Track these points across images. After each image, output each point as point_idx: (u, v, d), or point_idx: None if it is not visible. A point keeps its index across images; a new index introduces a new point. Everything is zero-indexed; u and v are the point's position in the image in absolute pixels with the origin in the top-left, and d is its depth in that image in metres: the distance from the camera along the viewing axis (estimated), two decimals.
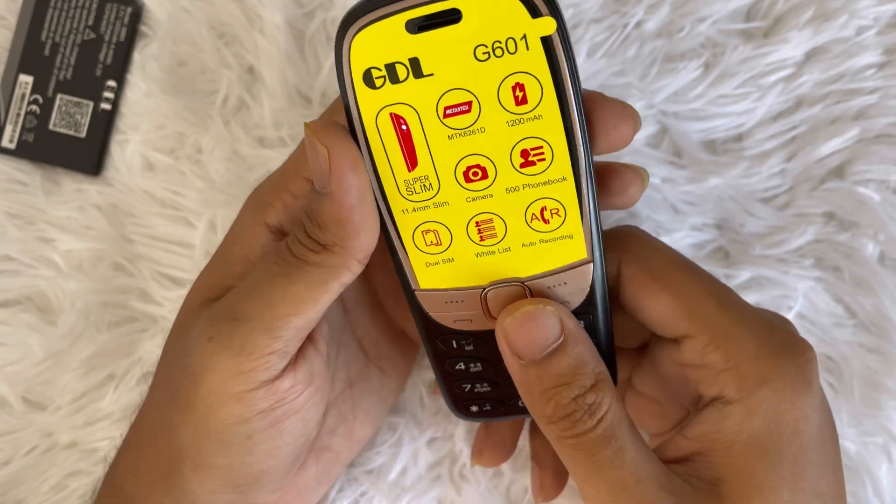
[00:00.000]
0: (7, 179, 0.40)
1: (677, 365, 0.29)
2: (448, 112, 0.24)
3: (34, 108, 0.40)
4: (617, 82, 0.38)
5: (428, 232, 0.27)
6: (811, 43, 0.38)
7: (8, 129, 0.40)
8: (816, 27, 0.38)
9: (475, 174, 0.25)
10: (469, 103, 0.24)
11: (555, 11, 0.23)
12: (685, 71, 0.38)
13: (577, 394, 0.26)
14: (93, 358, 0.39)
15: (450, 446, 0.38)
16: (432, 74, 0.24)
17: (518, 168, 0.25)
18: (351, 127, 0.25)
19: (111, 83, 0.40)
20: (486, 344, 0.29)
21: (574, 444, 0.26)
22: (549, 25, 0.23)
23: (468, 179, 0.25)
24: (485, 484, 0.38)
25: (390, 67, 0.24)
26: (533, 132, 0.25)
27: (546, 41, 0.23)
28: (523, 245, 0.27)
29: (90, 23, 0.40)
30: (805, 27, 0.38)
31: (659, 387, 0.32)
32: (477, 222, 0.26)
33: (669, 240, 0.38)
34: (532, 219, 0.26)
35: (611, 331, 0.29)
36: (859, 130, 0.38)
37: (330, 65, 0.39)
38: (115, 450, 0.31)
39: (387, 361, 0.35)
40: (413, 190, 0.26)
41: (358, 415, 0.34)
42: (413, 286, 0.28)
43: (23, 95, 0.40)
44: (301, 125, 0.39)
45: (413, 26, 0.23)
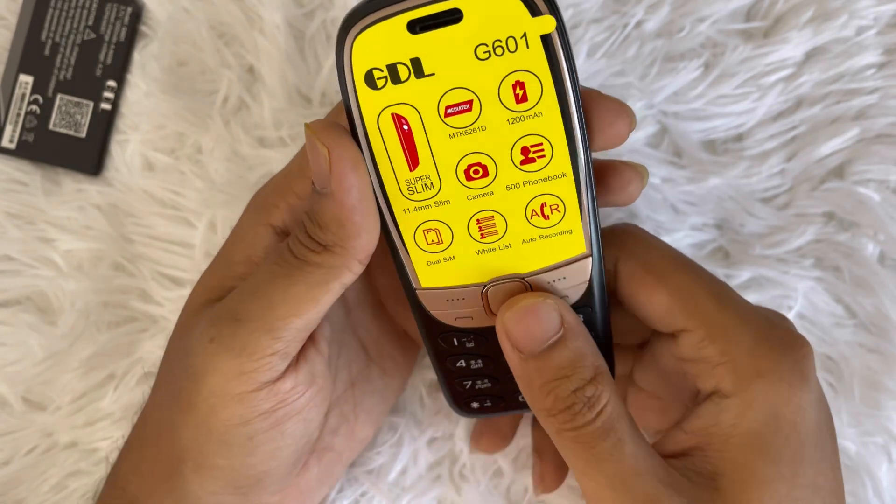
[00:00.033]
0: (7, 179, 0.40)
1: (676, 360, 0.30)
2: (449, 111, 0.24)
3: (34, 108, 0.40)
4: (617, 82, 0.38)
5: (429, 231, 0.26)
6: (811, 43, 0.38)
7: (8, 129, 0.40)
8: (816, 27, 0.38)
9: (476, 172, 0.25)
10: (470, 102, 0.24)
11: (554, 10, 0.23)
12: (685, 71, 0.38)
13: (576, 387, 0.26)
14: (93, 358, 0.39)
15: (450, 446, 0.38)
16: (433, 74, 0.24)
17: (518, 165, 0.25)
18: (352, 127, 0.25)
19: (111, 83, 0.40)
20: (486, 340, 0.29)
21: (573, 437, 0.26)
22: (548, 24, 0.23)
23: (469, 177, 0.25)
24: (485, 484, 0.38)
25: (392, 68, 0.24)
26: (533, 129, 0.25)
27: (546, 39, 0.23)
28: (523, 241, 0.27)
29: (90, 23, 0.40)
30: (805, 27, 0.38)
31: (659, 382, 0.32)
32: (478, 220, 0.26)
33: (669, 240, 0.38)
34: (532, 215, 0.26)
35: (609, 324, 0.29)
36: (859, 130, 0.38)
37: (330, 65, 0.39)
38: (117, 450, 0.31)
39: (388, 361, 0.35)
40: (414, 189, 0.26)
41: (359, 415, 0.34)
42: (414, 285, 0.28)
43: (23, 95, 0.40)
44: (301, 125, 0.39)
45: (415, 26, 0.23)
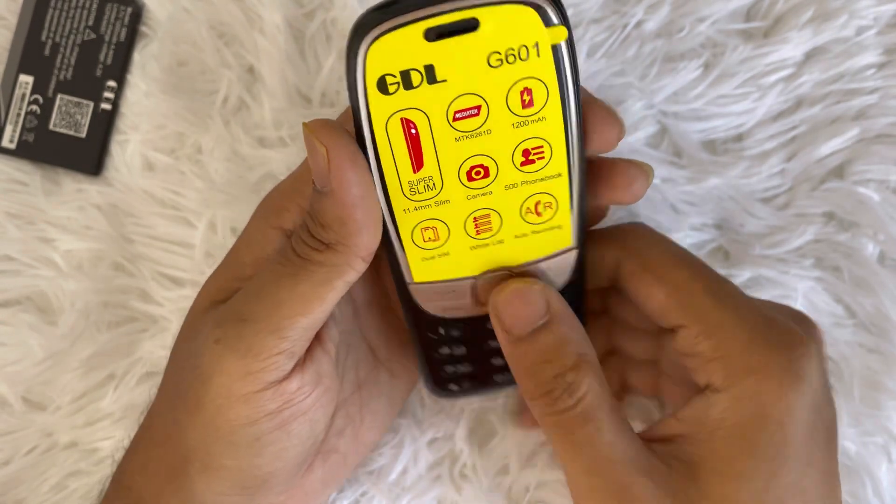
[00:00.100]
0: (7, 179, 0.40)
1: (675, 353, 0.30)
2: (457, 116, 0.24)
3: (34, 108, 0.40)
4: (617, 82, 0.38)
5: (427, 229, 0.27)
6: (811, 43, 0.38)
7: (8, 129, 0.40)
8: (816, 27, 0.38)
9: (478, 173, 0.26)
10: (478, 107, 0.24)
11: (565, 21, 0.24)
12: (685, 71, 0.38)
13: (557, 372, 0.27)
14: (93, 358, 0.39)
15: (450, 446, 0.38)
16: (445, 80, 0.24)
17: (518, 166, 0.26)
18: (359, 130, 0.25)
19: (111, 83, 0.40)
20: (471, 329, 0.30)
21: (553, 422, 0.27)
22: (560, 34, 0.24)
23: (470, 178, 0.26)
24: (486, 483, 0.38)
25: (405, 74, 0.24)
26: (536, 133, 0.25)
27: (556, 48, 0.24)
28: (516, 237, 0.27)
29: (90, 23, 0.40)
30: (805, 27, 0.38)
31: (674, 371, 0.33)
32: (475, 218, 0.27)
33: None
34: (526, 212, 0.27)
35: (583, 312, 0.31)
36: (859, 130, 0.38)
37: (330, 65, 0.39)
38: (123, 449, 0.31)
39: (397, 364, 0.35)
40: (416, 190, 0.26)
41: (365, 417, 0.34)
42: (407, 280, 0.28)
43: (23, 95, 0.40)
44: (301, 125, 0.39)
45: (431, 34, 0.23)
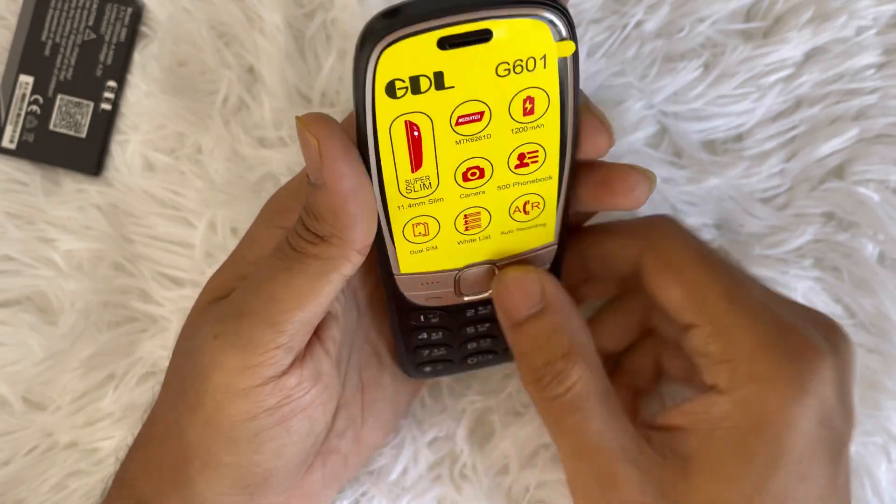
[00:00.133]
0: (7, 179, 0.40)
1: (687, 350, 0.30)
2: (461, 120, 0.25)
3: (34, 108, 0.40)
4: (617, 82, 0.38)
5: (418, 224, 0.27)
6: (811, 43, 0.38)
7: (8, 129, 0.40)
8: (816, 27, 0.38)
9: (473, 174, 0.26)
10: (482, 113, 0.25)
11: (573, 35, 0.24)
12: (685, 71, 0.38)
13: (547, 359, 0.28)
14: (93, 358, 0.39)
15: (450, 446, 0.38)
16: (453, 87, 0.24)
17: (513, 169, 0.27)
18: (361, 128, 0.25)
19: (111, 83, 0.40)
20: (449, 316, 0.32)
21: (544, 408, 0.28)
22: (568, 48, 0.24)
23: (466, 179, 0.26)
24: (486, 483, 0.38)
25: (414, 79, 0.24)
26: (533, 139, 0.26)
27: (562, 61, 0.24)
28: (502, 233, 0.28)
29: (90, 23, 0.40)
30: (805, 27, 0.38)
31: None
32: (465, 215, 0.27)
33: None
34: (515, 211, 0.28)
35: None
36: (859, 130, 0.38)
37: (330, 65, 0.39)
38: (126, 448, 0.31)
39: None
40: (413, 189, 0.26)
41: (367, 419, 0.34)
42: (394, 271, 0.29)
43: (23, 96, 0.40)
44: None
45: (444, 43, 0.23)
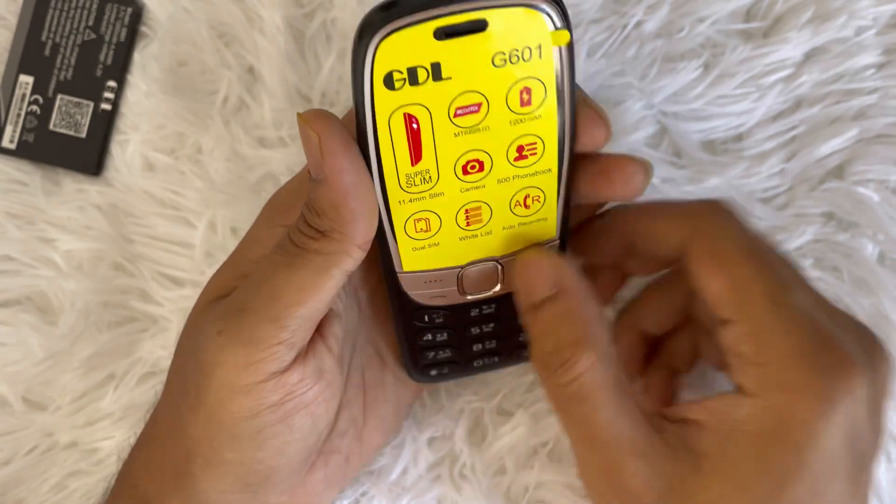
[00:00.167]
0: (7, 179, 0.40)
1: (720, 345, 0.29)
2: (458, 112, 0.25)
3: (34, 108, 0.40)
4: (616, 82, 0.38)
5: (419, 220, 0.27)
6: (811, 43, 0.38)
7: (8, 129, 0.40)
8: (816, 27, 0.38)
9: (472, 167, 0.26)
10: (479, 104, 0.25)
11: (568, 25, 0.24)
12: (685, 71, 0.38)
13: (556, 346, 0.27)
14: (93, 358, 0.39)
15: (450, 446, 0.38)
16: (450, 78, 0.24)
17: (512, 161, 0.27)
18: (361, 123, 0.25)
19: (111, 83, 0.40)
20: (453, 315, 0.31)
21: (553, 395, 0.28)
22: (563, 38, 0.24)
23: (465, 172, 0.26)
24: (485, 483, 0.38)
25: (412, 71, 0.24)
26: (531, 130, 0.26)
27: (557, 50, 0.25)
28: (503, 228, 0.28)
29: (90, 23, 0.40)
30: (804, 27, 0.38)
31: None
32: (466, 210, 0.27)
33: None
34: (515, 205, 0.28)
35: None
36: (859, 130, 0.38)
37: (330, 65, 0.39)
38: (129, 447, 0.31)
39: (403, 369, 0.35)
40: (413, 183, 0.26)
41: (369, 419, 0.34)
42: (396, 269, 0.29)
43: (23, 96, 0.40)
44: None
45: (441, 33, 0.23)
